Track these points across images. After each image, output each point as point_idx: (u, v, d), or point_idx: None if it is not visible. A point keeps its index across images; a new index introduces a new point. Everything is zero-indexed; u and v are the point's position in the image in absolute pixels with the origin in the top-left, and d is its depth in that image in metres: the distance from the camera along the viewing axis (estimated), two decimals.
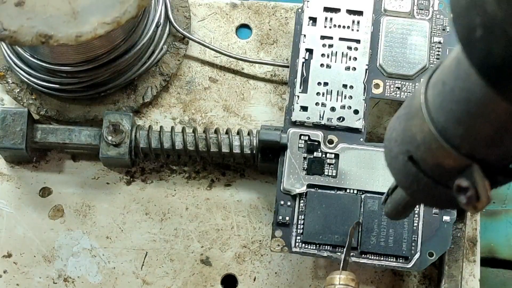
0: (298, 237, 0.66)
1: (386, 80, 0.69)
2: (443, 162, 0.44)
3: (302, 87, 0.69)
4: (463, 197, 0.43)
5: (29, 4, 0.60)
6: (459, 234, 0.68)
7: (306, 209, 0.66)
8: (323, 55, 0.70)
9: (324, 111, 0.68)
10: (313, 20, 0.70)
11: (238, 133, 0.70)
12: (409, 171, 0.46)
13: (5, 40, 0.60)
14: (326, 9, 0.71)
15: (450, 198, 0.45)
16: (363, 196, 0.67)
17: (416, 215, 0.66)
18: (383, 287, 0.70)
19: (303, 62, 0.69)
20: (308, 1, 0.71)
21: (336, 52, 0.70)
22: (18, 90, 0.73)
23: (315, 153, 0.67)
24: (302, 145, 0.68)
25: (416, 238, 0.66)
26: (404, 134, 0.46)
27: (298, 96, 0.68)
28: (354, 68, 0.69)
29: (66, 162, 0.73)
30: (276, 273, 0.71)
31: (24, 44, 0.59)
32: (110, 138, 0.69)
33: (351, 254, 0.65)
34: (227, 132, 0.70)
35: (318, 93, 0.69)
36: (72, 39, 0.60)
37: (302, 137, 0.68)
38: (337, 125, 0.68)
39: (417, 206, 0.66)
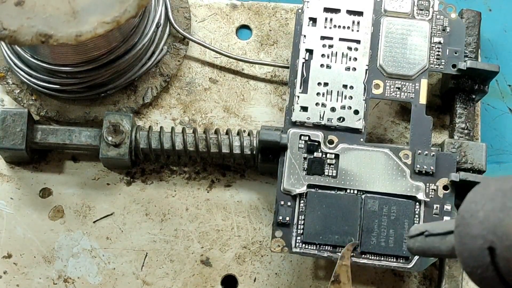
0: (298, 238, 0.66)
1: (386, 81, 0.69)
2: None
3: (302, 88, 0.69)
4: None
5: (29, 3, 0.60)
6: None
7: (306, 210, 0.66)
8: (323, 55, 0.70)
9: (324, 112, 0.68)
10: (313, 20, 0.70)
11: (238, 133, 0.70)
12: (481, 257, 0.44)
13: (5, 39, 0.59)
14: (326, 10, 0.71)
15: None
16: (363, 196, 0.66)
17: (416, 216, 0.66)
18: (383, 287, 0.70)
19: (303, 63, 0.69)
20: (308, 2, 0.71)
21: (336, 52, 0.70)
22: (18, 91, 0.73)
23: (315, 153, 0.67)
24: (302, 145, 0.67)
25: None
26: (496, 226, 0.43)
27: (298, 97, 0.68)
28: (354, 69, 0.69)
29: (66, 163, 0.73)
30: (276, 273, 0.71)
31: (23, 44, 0.59)
32: (110, 138, 0.69)
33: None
34: (227, 133, 0.70)
35: (318, 94, 0.68)
36: (72, 39, 0.59)
37: (302, 137, 0.68)
38: (337, 125, 0.68)
39: (417, 207, 0.66)
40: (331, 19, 0.70)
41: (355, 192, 0.67)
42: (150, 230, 0.71)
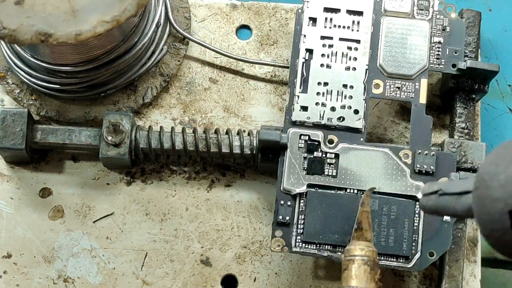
0: (298, 237, 0.66)
1: (386, 80, 0.69)
2: None
3: (302, 87, 0.69)
4: None
5: (29, 2, 0.60)
6: (459, 234, 0.68)
7: (306, 209, 0.66)
8: (323, 55, 0.69)
9: (324, 111, 0.68)
10: (313, 20, 0.70)
11: (238, 133, 0.70)
12: (501, 221, 0.44)
13: (5, 38, 0.59)
14: (326, 10, 0.71)
15: None
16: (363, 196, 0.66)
17: (416, 215, 0.66)
18: (383, 287, 0.70)
19: (303, 62, 0.69)
20: (308, 2, 0.71)
21: (336, 52, 0.70)
22: (18, 90, 0.73)
23: (315, 153, 0.67)
24: (302, 145, 0.67)
25: (416, 238, 0.66)
26: None
27: (298, 96, 0.68)
28: (354, 68, 0.69)
29: (66, 163, 0.73)
30: (276, 273, 0.70)
31: (23, 43, 0.59)
32: (110, 138, 0.69)
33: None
34: (227, 133, 0.70)
35: (318, 93, 0.68)
36: (72, 38, 0.59)
37: (302, 137, 0.68)
38: (337, 125, 0.68)
39: (417, 206, 0.66)
40: (331, 19, 0.70)
41: (355, 191, 0.67)
42: (150, 230, 0.71)
